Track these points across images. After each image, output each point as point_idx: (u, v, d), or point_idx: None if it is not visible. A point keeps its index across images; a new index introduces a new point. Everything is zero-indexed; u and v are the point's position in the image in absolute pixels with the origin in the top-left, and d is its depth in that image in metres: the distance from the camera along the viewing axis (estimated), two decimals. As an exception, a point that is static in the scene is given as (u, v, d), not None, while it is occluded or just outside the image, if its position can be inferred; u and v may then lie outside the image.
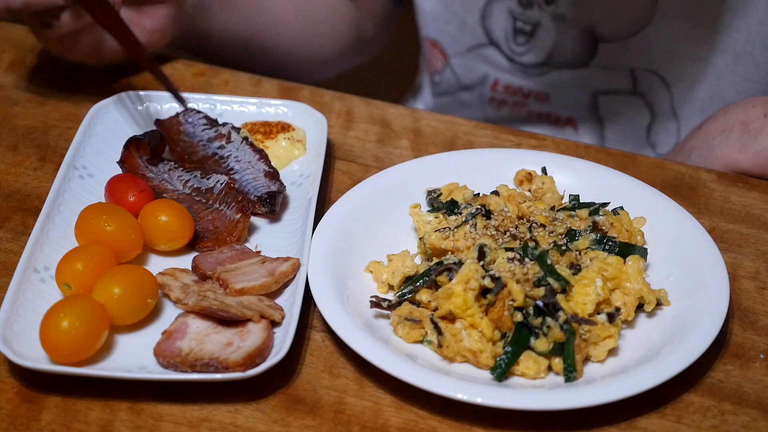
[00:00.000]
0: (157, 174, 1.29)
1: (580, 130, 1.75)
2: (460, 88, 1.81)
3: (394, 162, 1.37)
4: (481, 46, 1.73)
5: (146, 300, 1.12)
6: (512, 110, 1.78)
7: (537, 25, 1.65)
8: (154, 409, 1.06)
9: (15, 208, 1.28)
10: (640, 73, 1.66)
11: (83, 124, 1.34)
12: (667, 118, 1.69)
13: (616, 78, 1.68)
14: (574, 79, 1.69)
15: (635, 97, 1.69)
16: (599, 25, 1.62)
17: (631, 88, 1.68)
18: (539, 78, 1.71)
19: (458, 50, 1.76)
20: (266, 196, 1.26)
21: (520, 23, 1.66)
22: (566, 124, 1.76)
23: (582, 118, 1.74)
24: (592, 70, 1.67)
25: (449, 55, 1.77)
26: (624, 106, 1.71)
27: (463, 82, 1.79)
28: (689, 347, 1.08)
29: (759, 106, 1.39)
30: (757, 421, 1.07)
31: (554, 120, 1.76)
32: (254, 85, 1.51)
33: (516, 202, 1.23)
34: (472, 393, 1.04)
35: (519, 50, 1.69)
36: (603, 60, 1.66)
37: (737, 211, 1.32)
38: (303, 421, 1.05)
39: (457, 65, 1.77)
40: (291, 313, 1.11)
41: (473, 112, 1.80)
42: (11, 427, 1.03)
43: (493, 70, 1.75)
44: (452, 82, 1.80)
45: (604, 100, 1.71)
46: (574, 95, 1.71)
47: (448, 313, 1.10)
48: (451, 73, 1.79)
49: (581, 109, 1.73)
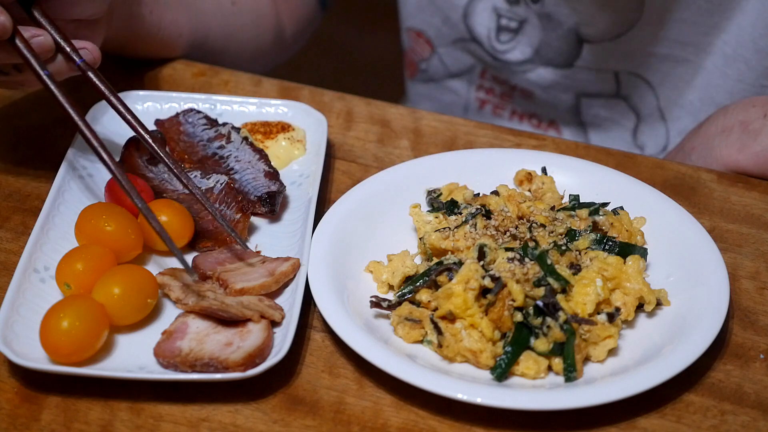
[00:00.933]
0: (157, 174, 1.29)
1: (563, 130, 1.75)
2: (448, 75, 1.80)
3: (394, 162, 1.37)
4: (464, 40, 1.73)
5: (146, 300, 1.12)
6: (495, 110, 1.78)
7: (524, 22, 1.65)
8: (154, 409, 1.06)
9: (15, 208, 1.28)
10: (623, 75, 1.66)
11: (83, 124, 1.34)
12: (653, 120, 1.69)
13: (600, 80, 1.67)
14: (557, 79, 1.69)
15: (618, 100, 1.69)
16: (584, 26, 1.62)
17: (614, 91, 1.68)
18: (523, 75, 1.71)
19: (444, 42, 1.75)
20: (266, 196, 1.26)
21: (506, 20, 1.65)
22: (549, 127, 1.76)
23: (564, 121, 1.74)
24: (575, 71, 1.67)
25: (435, 45, 1.77)
26: (607, 110, 1.70)
27: (452, 70, 1.78)
28: (689, 347, 1.08)
29: (759, 106, 1.39)
30: (757, 421, 1.07)
31: (536, 123, 1.76)
32: (254, 85, 1.51)
33: (516, 202, 1.23)
34: (472, 393, 1.04)
35: (502, 48, 1.68)
36: (587, 61, 1.65)
37: (737, 211, 1.32)
38: (303, 421, 1.06)
39: (445, 54, 1.77)
40: (291, 313, 1.12)
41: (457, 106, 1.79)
42: (11, 427, 1.04)
43: (479, 63, 1.75)
44: (440, 69, 1.80)
45: (587, 102, 1.70)
46: (557, 96, 1.71)
47: (448, 313, 1.10)
48: (438, 61, 1.78)
49: (563, 112, 1.73)
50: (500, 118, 1.78)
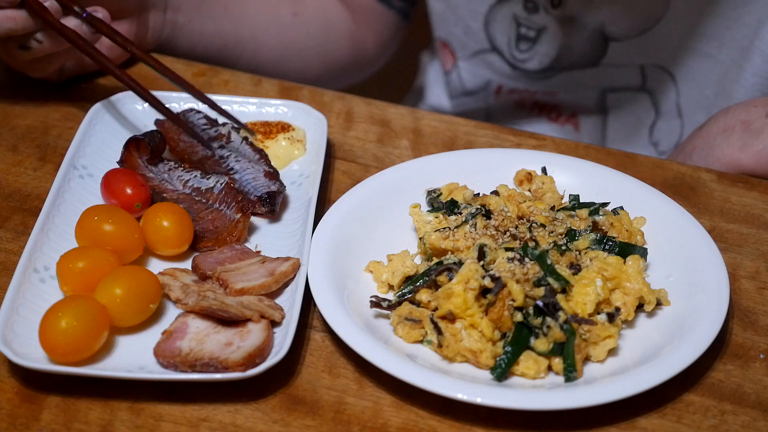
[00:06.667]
0: (157, 174, 1.29)
1: (582, 125, 1.75)
2: (463, 93, 1.80)
3: (394, 162, 1.37)
4: (484, 51, 1.73)
5: (148, 305, 1.11)
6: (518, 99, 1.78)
7: (541, 31, 1.65)
8: (154, 409, 1.06)
9: (15, 208, 1.28)
10: (649, 69, 1.66)
11: (83, 124, 1.34)
12: (671, 116, 1.69)
13: (626, 74, 1.67)
14: (582, 78, 1.69)
15: (643, 94, 1.69)
16: (610, 25, 1.62)
17: (640, 84, 1.68)
18: (545, 81, 1.71)
19: (465, 54, 1.76)
20: (266, 196, 1.26)
21: (524, 29, 1.66)
22: (567, 121, 1.76)
23: (586, 113, 1.74)
24: (602, 69, 1.67)
25: (458, 57, 1.77)
26: (630, 103, 1.71)
27: (467, 87, 1.79)
28: (689, 347, 1.08)
29: (760, 106, 1.39)
30: (757, 421, 1.07)
31: (557, 115, 1.76)
32: (254, 85, 1.51)
33: (516, 202, 1.23)
34: (472, 393, 1.04)
35: (521, 57, 1.69)
36: (613, 58, 1.65)
37: (737, 211, 1.32)
38: (303, 421, 1.06)
39: (463, 68, 1.77)
40: (291, 313, 1.12)
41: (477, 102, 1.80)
42: (11, 427, 1.03)
43: (496, 76, 1.75)
44: (457, 86, 1.80)
45: (612, 97, 1.71)
46: (582, 93, 1.71)
47: (448, 313, 1.10)
48: (457, 77, 1.79)
49: (587, 105, 1.73)
50: (523, 104, 1.77)
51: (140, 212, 1.23)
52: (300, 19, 1.67)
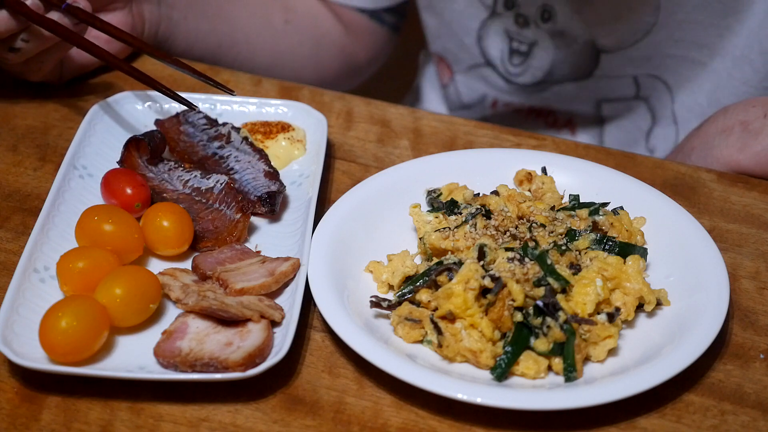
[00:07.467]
0: (157, 174, 1.29)
1: (578, 133, 1.75)
2: (461, 106, 1.81)
3: (394, 162, 1.37)
4: (479, 65, 1.73)
5: (148, 305, 1.11)
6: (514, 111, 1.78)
7: (533, 45, 1.65)
8: (154, 409, 1.06)
9: (15, 208, 1.28)
10: (642, 78, 1.66)
11: (83, 124, 1.34)
12: (667, 123, 1.69)
13: (620, 85, 1.67)
14: (576, 91, 1.69)
15: (638, 101, 1.69)
16: (601, 38, 1.62)
17: (634, 93, 1.68)
18: (540, 95, 1.71)
19: (460, 68, 1.76)
20: (266, 196, 1.26)
21: (516, 43, 1.66)
22: (564, 127, 1.76)
23: (582, 122, 1.74)
24: (595, 80, 1.67)
25: (454, 71, 1.78)
26: (627, 111, 1.71)
27: (464, 101, 1.80)
28: (689, 347, 1.08)
29: (759, 106, 1.39)
30: (757, 421, 1.07)
31: (552, 122, 1.76)
32: (254, 85, 1.51)
33: (516, 202, 1.23)
34: (472, 393, 1.04)
35: (515, 71, 1.69)
36: (606, 70, 1.65)
37: (737, 211, 1.32)
38: (303, 421, 1.06)
39: (460, 82, 1.78)
40: (291, 313, 1.11)
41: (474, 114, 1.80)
42: (11, 427, 1.03)
43: (491, 90, 1.75)
44: (454, 99, 1.81)
45: (608, 107, 1.71)
46: (577, 105, 1.72)
47: (448, 313, 1.10)
48: (454, 90, 1.80)
49: (583, 115, 1.73)
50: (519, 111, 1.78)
51: (140, 212, 1.23)
52: (292, 27, 1.67)
